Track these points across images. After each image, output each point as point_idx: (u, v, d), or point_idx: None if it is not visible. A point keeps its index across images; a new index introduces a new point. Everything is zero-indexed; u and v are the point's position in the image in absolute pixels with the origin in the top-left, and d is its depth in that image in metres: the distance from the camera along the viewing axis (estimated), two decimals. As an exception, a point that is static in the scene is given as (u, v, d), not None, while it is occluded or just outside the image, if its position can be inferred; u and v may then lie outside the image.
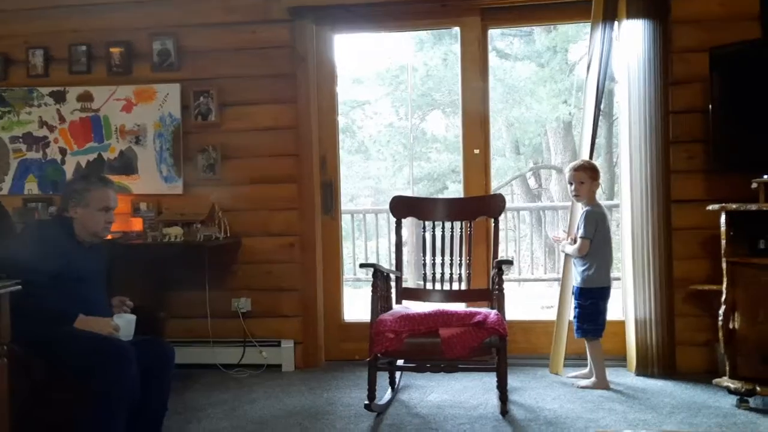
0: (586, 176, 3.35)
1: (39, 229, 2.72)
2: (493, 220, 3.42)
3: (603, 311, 3.34)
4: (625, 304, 3.66)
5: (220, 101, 3.88)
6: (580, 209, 3.41)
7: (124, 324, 2.50)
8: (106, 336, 2.42)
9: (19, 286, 2.13)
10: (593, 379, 3.34)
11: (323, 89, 3.96)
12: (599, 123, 3.83)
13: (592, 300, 3.30)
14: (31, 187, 4.02)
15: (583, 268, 3.32)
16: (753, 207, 2.98)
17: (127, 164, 3.95)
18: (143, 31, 3.93)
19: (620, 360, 3.64)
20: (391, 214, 3.52)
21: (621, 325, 3.66)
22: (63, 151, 4.01)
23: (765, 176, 3.05)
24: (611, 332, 3.70)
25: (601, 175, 3.68)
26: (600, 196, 3.79)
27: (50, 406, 2.40)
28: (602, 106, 3.80)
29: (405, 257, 5.29)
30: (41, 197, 3.99)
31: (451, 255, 3.44)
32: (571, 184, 3.40)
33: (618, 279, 3.92)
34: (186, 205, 3.83)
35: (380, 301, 3.07)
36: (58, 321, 2.44)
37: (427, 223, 3.48)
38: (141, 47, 3.95)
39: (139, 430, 2.47)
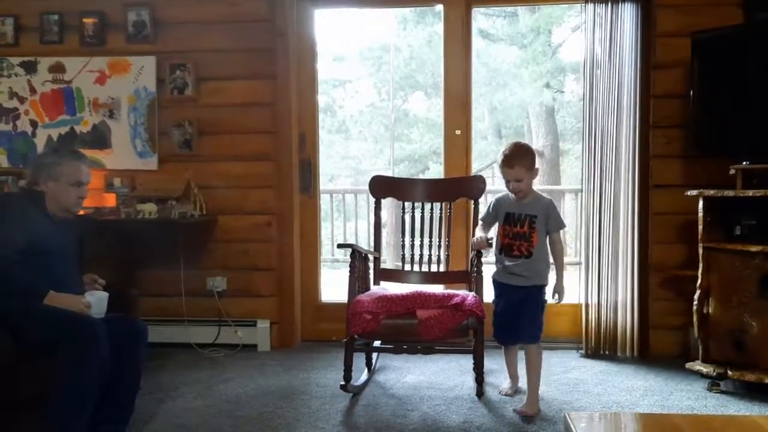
0: (523, 171, 2.80)
1: (8, 202, 2.64)
2: (473, 201, 3.40)
3: None
4: (601, 288, 3.67)
5: (197, 75, 3.80)
6: (511, 198, 2.89)
7: (95, 301, 2.44)
8: (77, 313, 2.36)
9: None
10: (529, 401, 2.78)
11: (303, 66, 3.89)
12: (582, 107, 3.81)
13: (545, 298, 2.87)
14: (0, 159, 3.91)
15: (543, 263, 2.85)
16: (730, 193, 2.99)
17: (100, 138, 3.85)
18: (117, 0, 3.82)
19: (597, 343, 3.66)
20: (370, 195, 3.48)
21: (598, 309, 3.68)
22: (34, 124, 3.89)
23: (744, 163, 3.06)
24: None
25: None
26: (580, 180, 3.76)
27: (18, 384, 2.34)
28: (583, 90, 3.76)
29: (384, 238, 5.26)
30: (11, 170, 3.88)
31: (430, 236, 3.41)
32: (507, 181, 2.83)
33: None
34: (161, 181, 3.76)
35: (358, 281, 3.05)
36: (27, 297, 2.37)
37: (406, 204, 3.45)
38: (115, 18, 3.84)
39: (111, 410, 2.42)
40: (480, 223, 3.03)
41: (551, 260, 2.87)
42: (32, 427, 2.29)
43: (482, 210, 3.11)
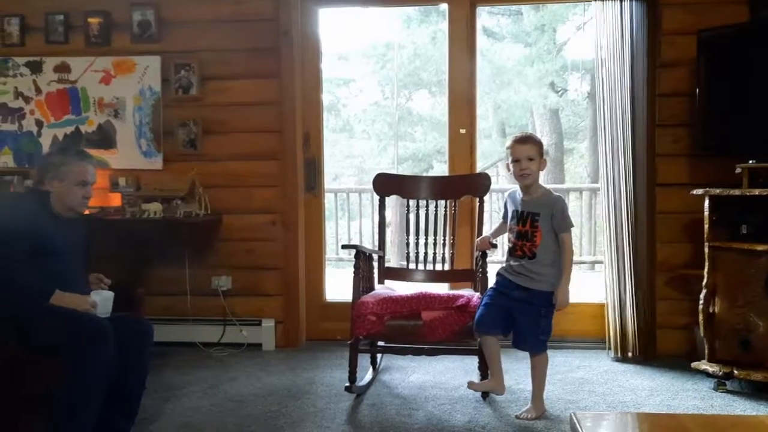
0: (535, 150, 2.72)
1: (14, 202, 2.65)
2: (478, 199, 3.39)
3: None
4: (607, 287, 3.67)
5: (202, 74, 3.80)
6: (519, 195, 2.81)
7: (101, 301, 2.45)
8: (84, 313, 2.36)
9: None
10: (533, 405, 2.73)
11: (307, 65, 3.89)
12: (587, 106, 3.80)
13: (551, 306, 2.72)
14: (6, 159, 3.92)
15: (551, 268, 2.70)
16: (736, 192, 2.98)
17: (105, 138, 3.86)
18: (122, 0, 3.82)
19: (601, 343, 3.66)
20: (374, 193, 3.48)
21: (602, 308, 3.67)
22: (39, 123, 3.91)
23: (750, 161, 3.05)
24: (592, 315, 3.73)
25: (587, 157, 3.66)
26: (584, 179, 3.77)
27: (24, 383, 2.35)
28: (589, 89, 3.77)
29: (388, 237, 5.26)
30: (16, 170, 3.89)
31: (435, 235, 3.40)
32: (517, 161, 2.73)
33: (599, 262, 3.92)
34: (166, 180, 3.77)
35: (362, 282, 3.04)
36: (33, 297, 2.37)
37: (411, 203, 3.44)
38: (120, 17, 3.84)
39: (117, 409, 2.43)
40: (501, 221, 3.02)
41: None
42: (37, 426, 2.30)
43: (492, 208, 3.12)
